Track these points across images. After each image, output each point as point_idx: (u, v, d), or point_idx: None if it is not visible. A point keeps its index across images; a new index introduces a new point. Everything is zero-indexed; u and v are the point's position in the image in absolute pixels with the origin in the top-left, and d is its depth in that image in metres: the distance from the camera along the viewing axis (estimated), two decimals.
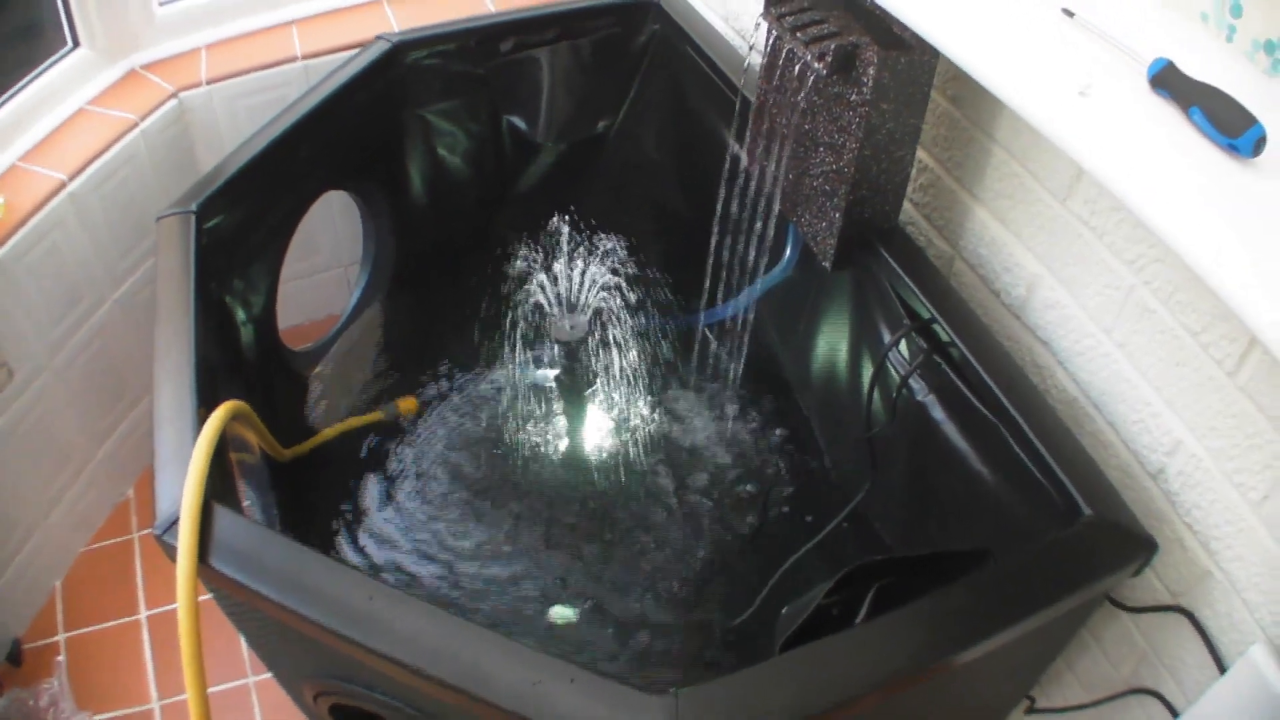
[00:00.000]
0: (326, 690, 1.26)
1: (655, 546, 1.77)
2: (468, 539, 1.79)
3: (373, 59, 1.82)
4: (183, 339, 1.32)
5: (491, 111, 2.04)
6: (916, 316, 1.41)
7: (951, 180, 1.46)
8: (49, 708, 1.76)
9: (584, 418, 1.93)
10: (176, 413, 1.23)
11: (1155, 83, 1.00)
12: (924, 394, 1.41)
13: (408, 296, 2.09)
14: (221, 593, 1.19)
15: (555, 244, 1.83)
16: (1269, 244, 0.85)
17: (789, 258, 1.71)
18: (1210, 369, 1.09)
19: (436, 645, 1.01)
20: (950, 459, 1.36)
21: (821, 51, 1.31)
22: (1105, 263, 1.21)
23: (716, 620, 1.66)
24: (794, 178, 1.52)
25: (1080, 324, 1.28)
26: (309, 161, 1.75)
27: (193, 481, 1.11)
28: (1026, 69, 1.05)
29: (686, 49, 1.93)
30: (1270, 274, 0.83)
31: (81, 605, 1.97)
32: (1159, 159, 0.94)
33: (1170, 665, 1.21)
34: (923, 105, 1.35)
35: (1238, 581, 1.10)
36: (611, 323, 1.82)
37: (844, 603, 1.18)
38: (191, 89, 2.00)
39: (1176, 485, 1.16)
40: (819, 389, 1.79)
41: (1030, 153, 1.30)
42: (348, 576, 1.08)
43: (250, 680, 1.85)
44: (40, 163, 1.81)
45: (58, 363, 1.86)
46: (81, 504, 2.03)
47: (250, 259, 1.68)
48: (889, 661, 1.00)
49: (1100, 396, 1.27)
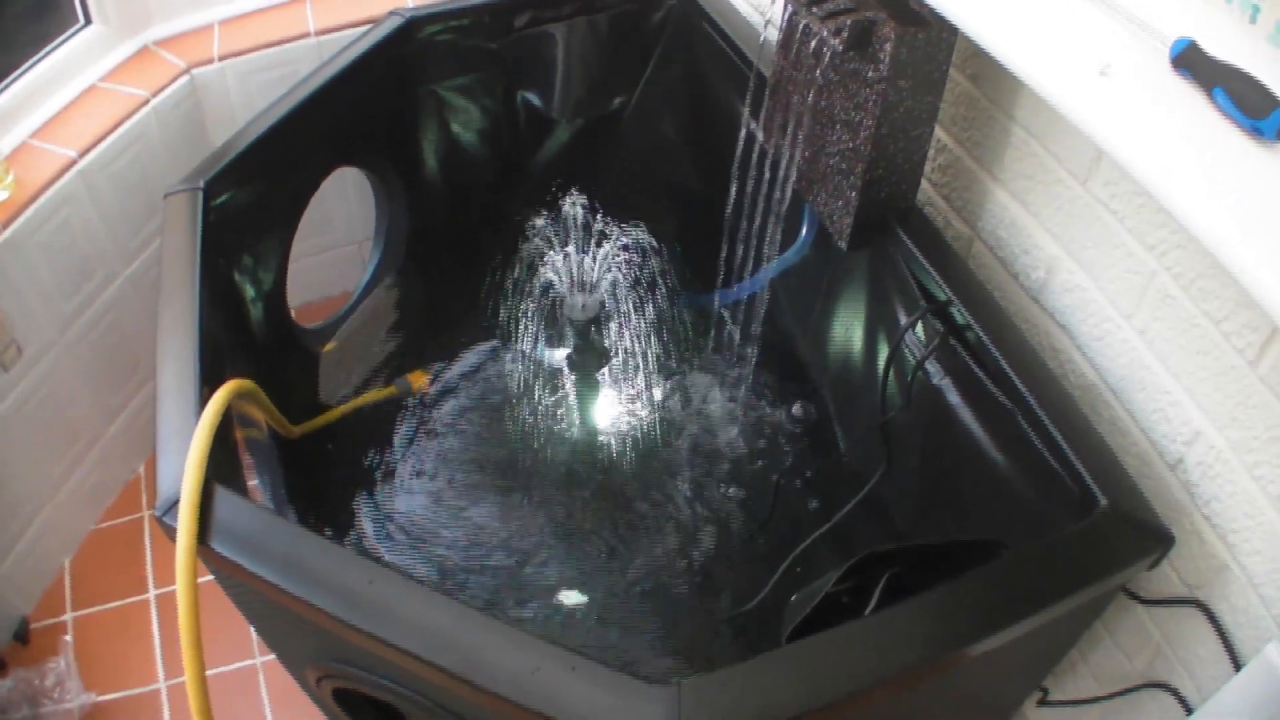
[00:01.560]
0: (329, 674, 1.25)
1: (665, 528, 1.76)
2: (476, 516, 1.79)
3: (386, 34, 1.80)
4: (187, 317, 1.31)
5: (506, 87, 2.02)
6: (933, 298, 1.38)
7: (971, 160, 1.43)
8: (55, 687, 1.77)
9: (596, 397, 1.92)
10: (179, 392, 1.22)
11: (1177, 63, 0.97)
12: (940, 377, 1.39)
13: (420, 273, 2.08)
14: (223, 574, 1.19)
15: (569, 222, 1.81)
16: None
17: (804, 237, 1.69)
18: (1231, 358, 1.06)
19: (436, 631, 1.00)
20: (966, 445, 1.34)
21: (838, 27, 1.28)
22: (1126, 247, 1.18)
23: (725, 605, 1.64)
24: (810, 156, 1.50)
25: (1100, 309, 1.25)
26: (320, 138, 1.74)
27: (194, 462, 1.11)
28: (1046, 47, 1.03)
29: (704, 25, 1.90)
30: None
31: (90, 584, 1.98)
32: (1180, 141, 0.91)
33: (1185, 659, 1.19)
34: (941, 83, 1.32)
35: (1255, 576, 1.07)
36: (624, 302, 1.80)
37: (854, 590, 1.16)
38: (204, 65, 1.99)
39: (1195, 476, 1.13)
40: (834, 371, 1.77)
41: (1050, 133, 1.27)
42: (348, 560, 1.07)
43: (258, 661, 1.85)
44: (51, 139, 1.81)
45: (68, 339, 1.86)
46: (91, 481, 2.03)
47: (260, 236, 1.66)
48: (898, 654, 0.98)
49: (1119, 383, 1.24)
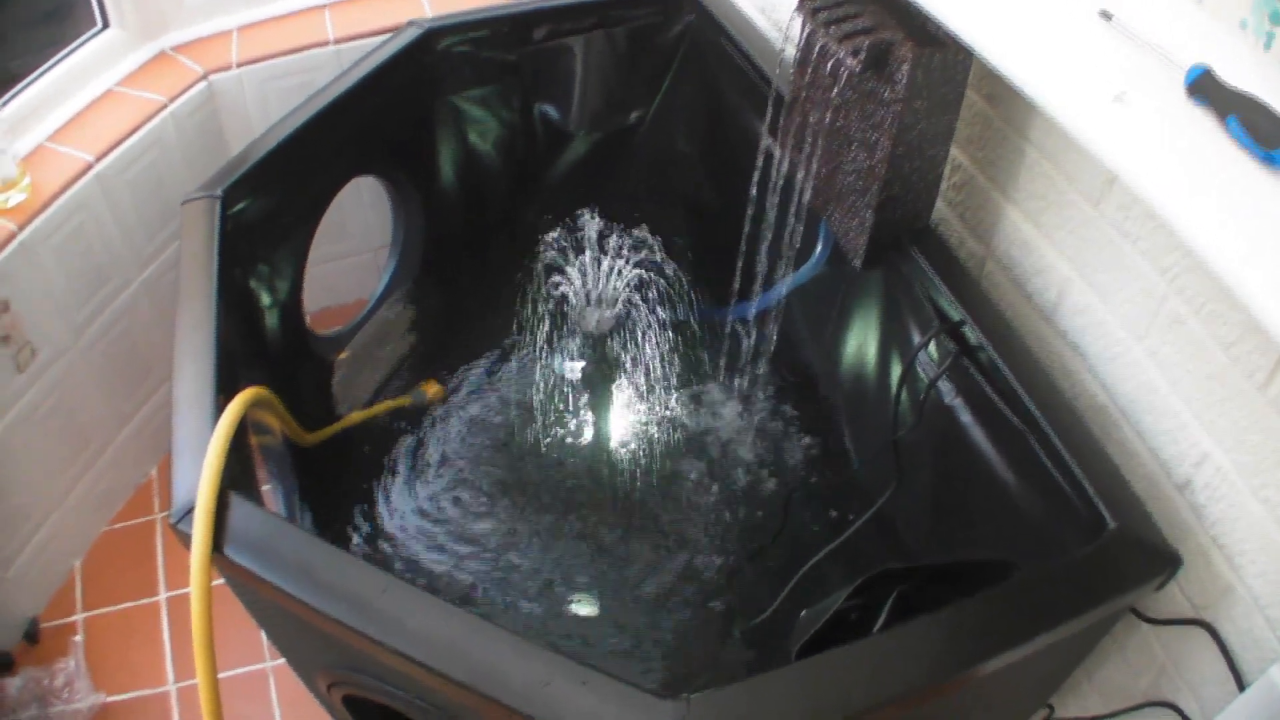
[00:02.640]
0: (340, 681, 1.26)
1: (676, 541, 1.76)
2: (489, 526, 1.79)
3: (404, 45, 1.82)
4: (204, 325, 1.32)
5: (523, 99, 2.03)
6: (946, 318, 1.39)
7: (985, 180, 1.44)
8: (64, 687, 1.77)
9: (609, 410, 1.93)
10: (195, 399, 1.23)
11: (1192, 90, 0.98)
12: (952, 397, 1.39)
13: (436, 283, 2.08)
14: (235, 581, 1.19)
15: (585, 235, 1.82)
16: None
17: (820, 254, 1.69)
18: (1240, 382, 1.06)
19: (448, 642, 1.00)
20: (976, 464, 1.34)
21: (855, 48, 1.29)
22: (1137, 269, 1.19)
23: (735, 619, 1.64)
24: (826, 174, 1.51)
25: (1111, 330, 1.25)
26: (337, 147, 1.75)
27: (209, 470, 1.12)
28: (1061, 72, 1.03)
29: (721, 41, 1.91)
30: None
31: (101, 585, 1.98)
32: (1193, 169, 0.92)
33: (1190, 679, 1.19)
34: (957, 104, 1.33)
35: (1261, 598, 1.07)
36: (639, 316, 1.81)
37: (863, 608, 1.17)
38: (222, 71, 2.00)
39: (1203, 498, 1.14)
40: (847, 387, 1.77)
41: (1063, 155, 1.27)
42: (361, 570, 1.08)
43: (268, 665, 1.85)
44: (68, 143, 1.81)
45: (82, 344, 1.86)
46: (103, 484, 2.04)
47: (276, 244, 1.67)
48: (906, 673, 0.99)
49: (1129, 405, 1.24)
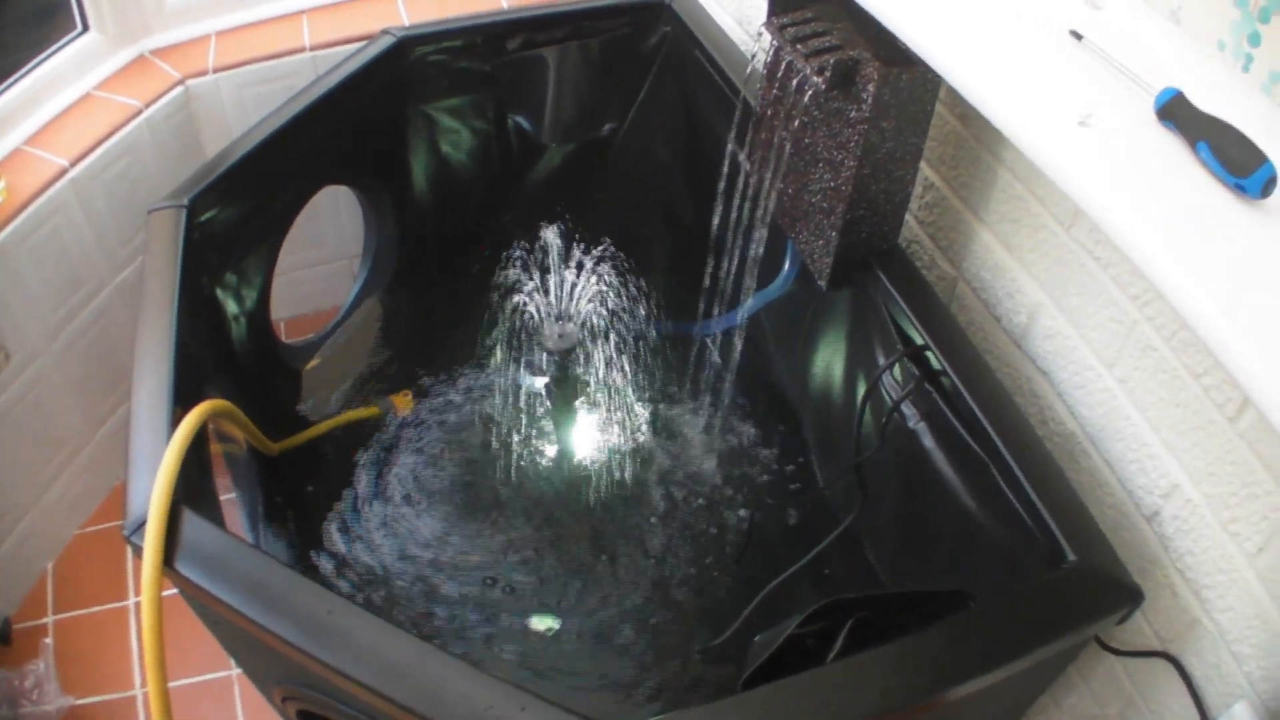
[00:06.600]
0: (293, 695, 1.24)
1: (639, 558, 1.74)
2: (452, 541, 1.77)
3: (377, 53, 1.80)
4: (163, 339, 1.31)
5: (497, 110, 2.02)
6: (910, 342, 1.37)
7: (957, 200, 1.42)
8: (34, 689, 1.77)
9: (573, 427, 1.91)
10: (151, 413, 1.23)
11: (1162, 114, 0.96)
12: (915, 421, 1.37)
13: (408, 293, 2.07)
14: (188, 595, 1.18)
15: (554, 249, 1.80)
16: (1271, 298, 0.81)
17: (787, 272, 1.68)
18: (1211, 413, 1.05)
19: (391, 664, 1.00)
20: (939, 489, 1.33)
21: (821, 66, 1.27)
22: (1109, 295, 1.17)
23: (695, 641, 1.63)
24: (792, 193, 1.49)
25: (1080, 356, 1.24)
26: (307, 157, 1.74)
27: (161, 484, 1.12)
28: (1026, 94, 1.02)
29: (696, 53, 1.89)
30: (1270, 332, 0.79)
31: (72, 588, 1.98)
32: (1158, 197, 0.90)
33: (1156, 711, 1.18)
34: (925, 124, 1.31)
35: (1228, 633, 1.06)
36: (605, 332, 1.79)
37: (819, 634, 1.15)
38: (199, 76, 1.99)
39: (1170, 530, 1.12)
40: (814, 407, 1.75)
41: (1034, 177, 1.26)
42: (309, 589, 1.07)
43: (234, 673, 1.85)
44: (44, 147, 1.81)
45: (56, 347, 1.86)
46: (77, 487, 2.03)
47: (244, 253, 1.66)
48: (857, 705, 0.97)
49: (1098, 432, 1.23)
